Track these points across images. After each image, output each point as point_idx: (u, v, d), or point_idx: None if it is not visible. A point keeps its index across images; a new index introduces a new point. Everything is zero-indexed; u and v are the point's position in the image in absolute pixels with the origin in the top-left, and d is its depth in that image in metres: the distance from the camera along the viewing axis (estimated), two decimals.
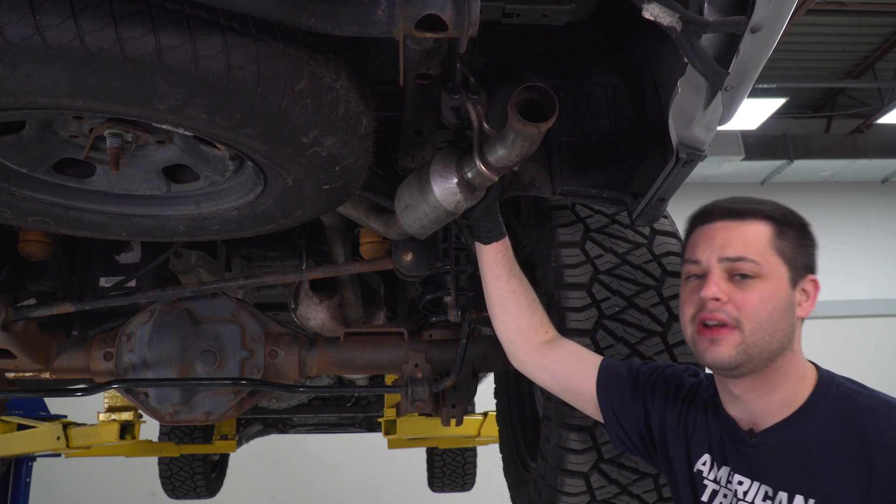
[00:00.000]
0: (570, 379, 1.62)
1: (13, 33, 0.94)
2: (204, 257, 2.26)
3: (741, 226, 1.30)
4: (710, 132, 1.37)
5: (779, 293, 1.27)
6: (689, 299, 1.32)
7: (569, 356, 1.63)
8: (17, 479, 5.08)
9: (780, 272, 1.27)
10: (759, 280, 1.26)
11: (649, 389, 1.53)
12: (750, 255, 1.27)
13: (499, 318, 1.68)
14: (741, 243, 1.28)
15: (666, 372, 1.55)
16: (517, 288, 1.64)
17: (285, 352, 2.10)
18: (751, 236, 1.28)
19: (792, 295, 1.28)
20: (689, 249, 1.35)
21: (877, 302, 12.25)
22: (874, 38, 10.11)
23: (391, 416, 4.66)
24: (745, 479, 1.33)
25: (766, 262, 1.27)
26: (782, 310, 1.26)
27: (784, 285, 1.27)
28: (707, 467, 1.42)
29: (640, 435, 1.54)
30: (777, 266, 1.27)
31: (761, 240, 1.28)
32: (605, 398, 1.56)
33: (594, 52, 1.75)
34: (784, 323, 1.27)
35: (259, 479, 9.48)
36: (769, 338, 1.25)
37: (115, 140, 1.28)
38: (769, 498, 1.29)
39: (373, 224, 1.86)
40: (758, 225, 1.29)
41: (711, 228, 1.33)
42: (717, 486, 1.39)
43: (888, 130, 11.84)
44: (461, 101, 1.45)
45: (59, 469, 6.98)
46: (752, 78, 1.22)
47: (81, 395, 2.12)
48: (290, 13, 1.00)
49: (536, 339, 1.65)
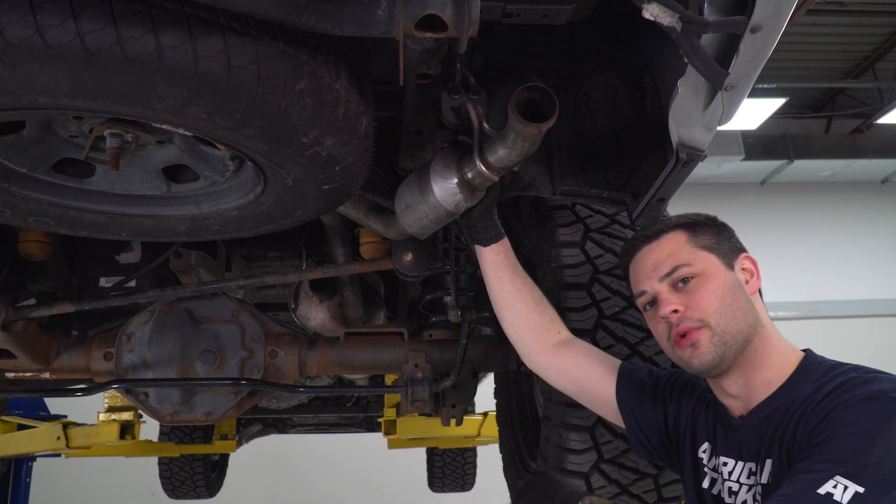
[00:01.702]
0: (587, 381, 1.61)
1: (13, 33, 0.94)
2: (204, 257, 2.26)
3: (660, 243, 1.42)
4: (710, 132, 1.38)
5: (720, 279, 1.35)
6: (656, 325, 1.41)
7: (585, 358, 1.63)
8: (17, 479, 5.08)
9: (712, 262, 1.37)
10: (699, 277, 1.35)
11: (668, 393, 1.55)
12: (679, 262, 1.37)
13: (508, 320, 1.67)
14: (667, 257, 1.39)
15: (683, 376, 1.57)
16: (522, 287, 1.64)
17: (285, 352, 2.10)
18: (671, 247, 1.40)
19: (733, 276, 1.37)
20: (633, 285, 1.46)
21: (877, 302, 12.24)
22: (874, 38, 10.11)
23: (391, 416, 4.66)
24: (731, 459, 1.37)
25: (695, 259, 1.37)
26: (732, 292, 1.34)
27: (721, 270, 1.36)
28: (707, 455, 1.44)
29: (660, 439, 1.55)
30: (706, 258, 1.37)
31: (681, 245, 1.39)
32: (626, 403, 1.56)
33: (594, 52, 1.75)
34: (740, 302, 1.34)
35: (259, 479, 9.48)
36: (734, 321, 1.32)
37: (115, 140, 1.29)
38: (753, 473, 1.32)
39: (373, 224, 1.86)
40: (672, 235, 1.41)
41: (638, 259, 1.44)
42: (715, 475, 1.41)
43: (888, 130, 11.83)
44: (461, 101, 1.45)
45: (59, 469, 6.97)
46: (752, 78, 1.22)
47: (81, 395, 2.12)
48: (290, 13, 1.00)
49: (549, 339, 1.65)
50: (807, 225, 12.50)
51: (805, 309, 11.78)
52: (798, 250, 12.08)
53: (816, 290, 11.96)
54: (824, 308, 11.98)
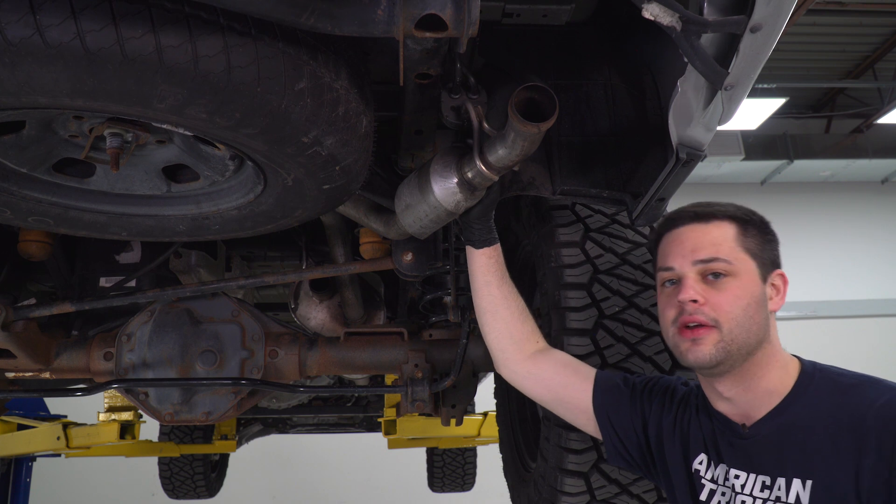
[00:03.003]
0: (564, 388, 1.60)
1: (13, 33, 0.94)
2: (204, 257, 2.26)
3: (707, 227, 1.35)
4: (710, 132, 1.38)
5: (751, 288, 1.31)
6: (667, 304, 1.36)
7: (562, 367, 1.62)
8: (17, 479, 5.08)
9: (750, 268, 1.32)
10: (732, 278, 1.31)
11: (646, 399, 1.54)
12: (721, 255, 1.31)
13: (490, 326, 1.65)
14: (710, 244, 1.33)
15: (660, 382, 1.56)
16: (508, 295, 1.63)
17: (285, 352, 2.10)
18: (718, 237, 1.33)
19: (763, 290, 1.33)
20: (661, 258, 1.40)
21: (877, 302, 12.25)
22: (874, 38, 10.12)
23: (391, 416, 4.66)
24: (742, 472, 1.35)
25: (736, 259, 1.31)
26: (756, 305, 1.31)
27: (755, 280, 1.32)
28: (704, 467, 1.42)
29: (639, 447, 1.53)
30: (746, 263, 1.32)
31: (728, 239, 1.33)
32: (603, 411, 1.55)
33: (594, 52, 1.75)
34: (759, 317, 1.31)
35: (259, 479, 9.48)
36: (746, 333, 1.29)
37: (115, 140, 1.28)
38: (767, 487, 1.30)
39: (373, 224, 1.86)
40: (723, 225, 1.35)
41: (679, 234, 1.37)
42: (714, 486, 1.40)
43: (888, 130, 11.84)
44: (461, 101, 1.45)
45: (59, 469, 6.97)
46: (752, 78, 1.22)
47: (81, 395, 2.12)
48: (290, 13, 1.00)
49: (528, 349, 1.64)
50: (807, 225, 12.50)
51: (805, 309, 11.78)
52: (798, 250, 12.08)
53: (816, 291, 11.96)
54: (824, 308, 11.98)
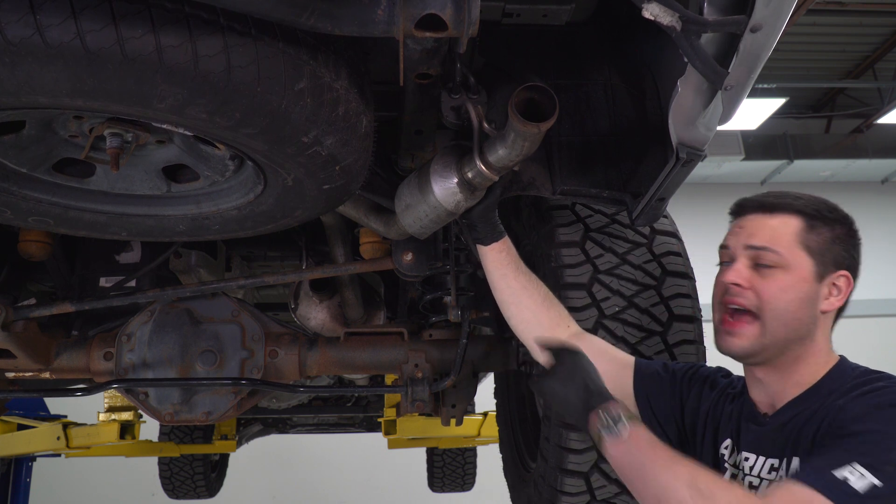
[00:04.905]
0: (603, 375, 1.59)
1: (13, 33, 0.94)
2: (204, 257, 2.26)
3: (770, 218, 1.34)
4: (710, 132, 1.38)
5: (800, 285, 1.29)
6: (717, 283, 1.37)
7: (599, 353, 1.59)
8: (17, 479, 5.08)
9: (804, 265, 1.29)
10: (781, 270, 1.29)
11: (686, 385, 1.54)
12: (773, 246, 1.30)
13: (517, 317, 1.63)
14: (768, 234, 1.32)
15: (700, 371, 1.56)
16: (527, 283, 1.62)
17: (285, 352, 2.10)
18: (778, 228, 1.32)
19: (817, 288, 1.30)
20: (725, 237, 1.40)
21: (877, 302, 12.23)
22: (874, 38, 10.11)
23: (391, 416, 4.66)
24: (752, 455, 1.36)
25: (790, 254, 1.29)
26: (801, 301, 1.29)
27: (807, 278, 1.29)
28: (728, 451, 1.43)
29: (677, 432, 1.54)
30: (801, 259, 1.30)
31: (788, 233, 1.31)
32: (644, 397, 1.55)
33: (594, 52, 1.75)
34: (802, 314, 1.29)
35: (259, 479, 9.48)
36: (785, 329, 1.28)
37: (115, 140, 1.29)
38: (774, 469, 1.31)
39: (373, 224, 1.86)
40: (787, 218, 1.33)
41: (744, 219, 1.37)
42: (735, 471, 1.41)
43: (888, 130, 11.83)
44: (461, 101, 1.45)
45: (59, 469, 6.97)
46: (752, 78, 1.22)
47: (81, 395, 2.12)
48: (290, 13, 1.00)
49: (560, 334, 1.61)
50: None
51: None
52: None
53: None
54: None
